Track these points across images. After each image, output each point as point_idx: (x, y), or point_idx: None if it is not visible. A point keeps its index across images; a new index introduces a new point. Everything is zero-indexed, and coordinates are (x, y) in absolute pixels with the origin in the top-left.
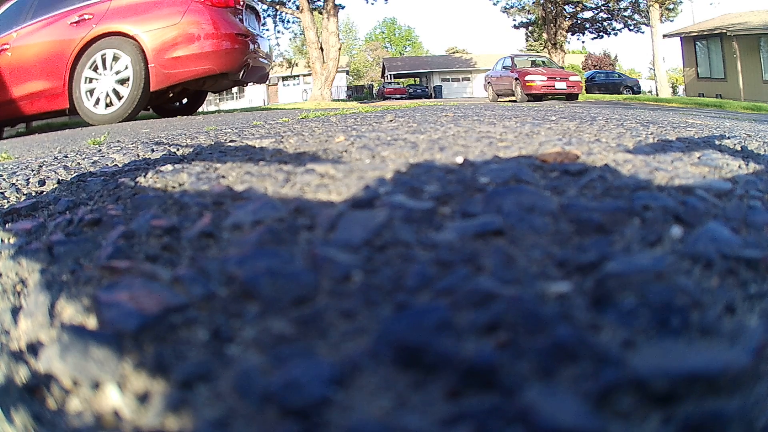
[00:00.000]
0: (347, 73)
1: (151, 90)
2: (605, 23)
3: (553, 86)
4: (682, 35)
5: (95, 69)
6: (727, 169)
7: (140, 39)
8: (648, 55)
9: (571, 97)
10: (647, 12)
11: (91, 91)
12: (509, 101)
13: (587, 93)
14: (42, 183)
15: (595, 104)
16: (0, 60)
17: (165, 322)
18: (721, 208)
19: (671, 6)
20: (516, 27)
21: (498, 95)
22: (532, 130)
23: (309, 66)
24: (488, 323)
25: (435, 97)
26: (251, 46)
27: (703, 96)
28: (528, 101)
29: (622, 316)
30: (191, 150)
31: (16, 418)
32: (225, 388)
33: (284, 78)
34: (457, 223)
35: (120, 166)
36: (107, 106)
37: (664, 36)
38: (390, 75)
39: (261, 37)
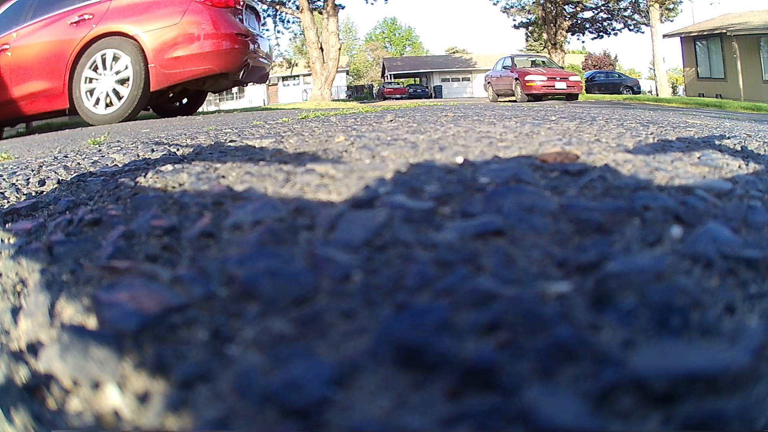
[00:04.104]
0: (347, 73)
1: (151, 90)
2: (605, 23)
3: (553, 86)
4: (682, 35)
5: (95, 69)
6: (727, 169)
7: (140, 39)
8: (648, 55)
9: (571, 97)
10: (647, 12)
11: (91, 91)
12: (509, 101)
13: (587, 93)
14: (42, 183)
15: (595, 104)
16: (0, 60)
17: (165, 322)
18: (721, 208)
19: (671, 6)
20: (516, 27)
21: (498, 95)
22: (532, 130)
23: (309, 66)
24: (488, 323)
25: (435, 97)
26: (251, 46)
27: (703, 96)
28: (528, 101)
29: (622, 316)
30: (191, 150)
31: (16, 418)
32: (225, 388)
33: (284, 78)
34: (457, 223)
35: (120, 166)
36: (107, 106)
37: (664, 36)
38: (390, 75)
39: (261, 37)
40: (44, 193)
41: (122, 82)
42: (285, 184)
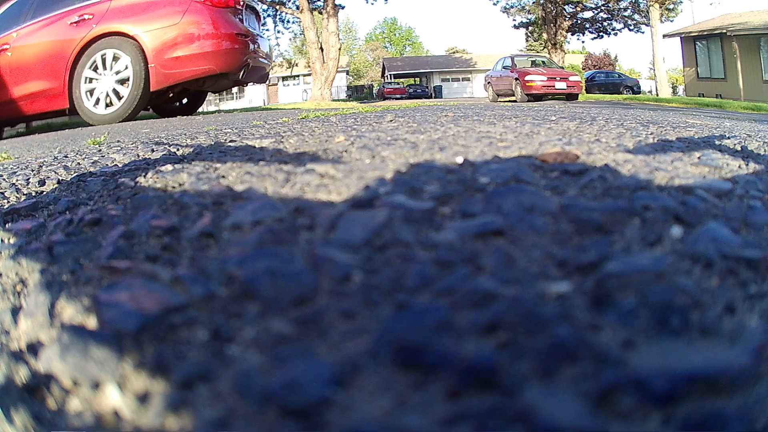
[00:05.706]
0: (347, 73)
1: (151, 90)
2: (605, 23)
3: (553, 86)
4: (682, 35)
5: (95, 69)
6: (727, 169)
7: (140, 39)
8: (648, 55)
9: (571, 97)
10: (647, 12)
11: (91, 91)
12: (509, 101)
13: (587, 93)
14: (42, 183)
15: (595, 104)
16: (0, 60)
17: (165, 322)
18: (721, 208)
19: (671, 6)
20: (516, 27)
21: (498, 95)
22: (532, 130)
23: (309, 66)
24: (488, 323)
25: (435, 97)
26: (251, 46)
27: (703, 96)
28: (528, 101)
29: (622, 316)
30: (191, 150)
31: (16, 418)
32: (225, 388)
33: (284, 78)
34: (457, 223)
35: (120, 166)
36: (107, 106)
37: (664, 36)
38: (390, 75)
39: (261, 37)
40: (44, 193)
41: (122, 82)
42: (285, 184)
